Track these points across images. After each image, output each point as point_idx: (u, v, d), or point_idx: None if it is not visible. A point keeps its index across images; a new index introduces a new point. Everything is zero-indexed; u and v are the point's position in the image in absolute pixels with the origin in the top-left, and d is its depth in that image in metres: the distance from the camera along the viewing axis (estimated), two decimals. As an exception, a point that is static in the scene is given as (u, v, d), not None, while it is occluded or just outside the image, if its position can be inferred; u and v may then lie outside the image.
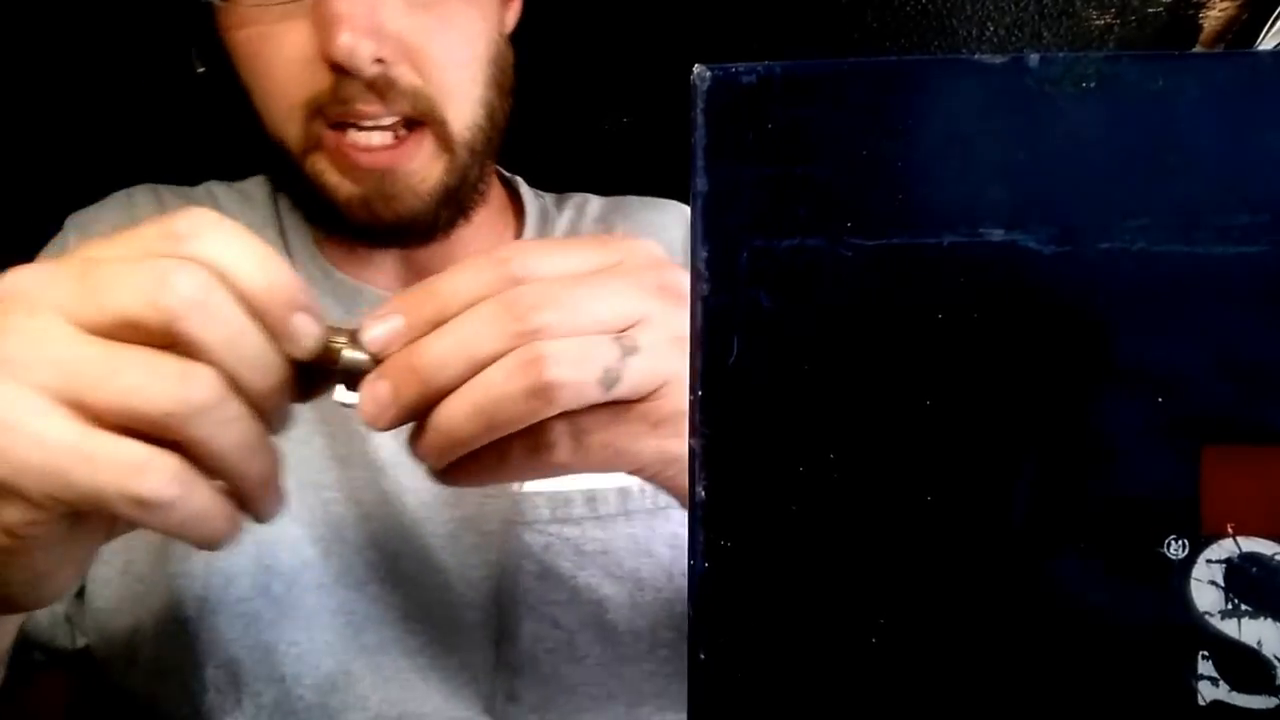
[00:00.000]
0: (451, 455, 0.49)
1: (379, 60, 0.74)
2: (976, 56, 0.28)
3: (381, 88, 0.75)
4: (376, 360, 0.48)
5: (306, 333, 0.46)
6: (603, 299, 0.48)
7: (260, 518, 0.49)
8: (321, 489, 0.84)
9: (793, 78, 0.28)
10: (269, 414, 0.46)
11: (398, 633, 0.81)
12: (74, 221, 0.94)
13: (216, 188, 0.98)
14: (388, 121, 0.77)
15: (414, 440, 0.49)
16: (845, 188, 0.28)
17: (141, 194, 0.96)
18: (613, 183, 1.00)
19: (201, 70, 0.96)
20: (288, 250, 0.92)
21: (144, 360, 0.43)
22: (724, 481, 0.28)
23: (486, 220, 0.92)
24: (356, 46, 0.72)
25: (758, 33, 1.21)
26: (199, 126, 1.20)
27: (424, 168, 0.80)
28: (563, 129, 0.86)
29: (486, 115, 0.82)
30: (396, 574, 0.82)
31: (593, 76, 0.96)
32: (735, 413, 0.28)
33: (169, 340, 0.43)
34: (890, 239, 0.28)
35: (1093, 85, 0.27)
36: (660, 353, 0.48)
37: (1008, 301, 0.27)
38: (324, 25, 0.72)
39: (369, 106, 0.75)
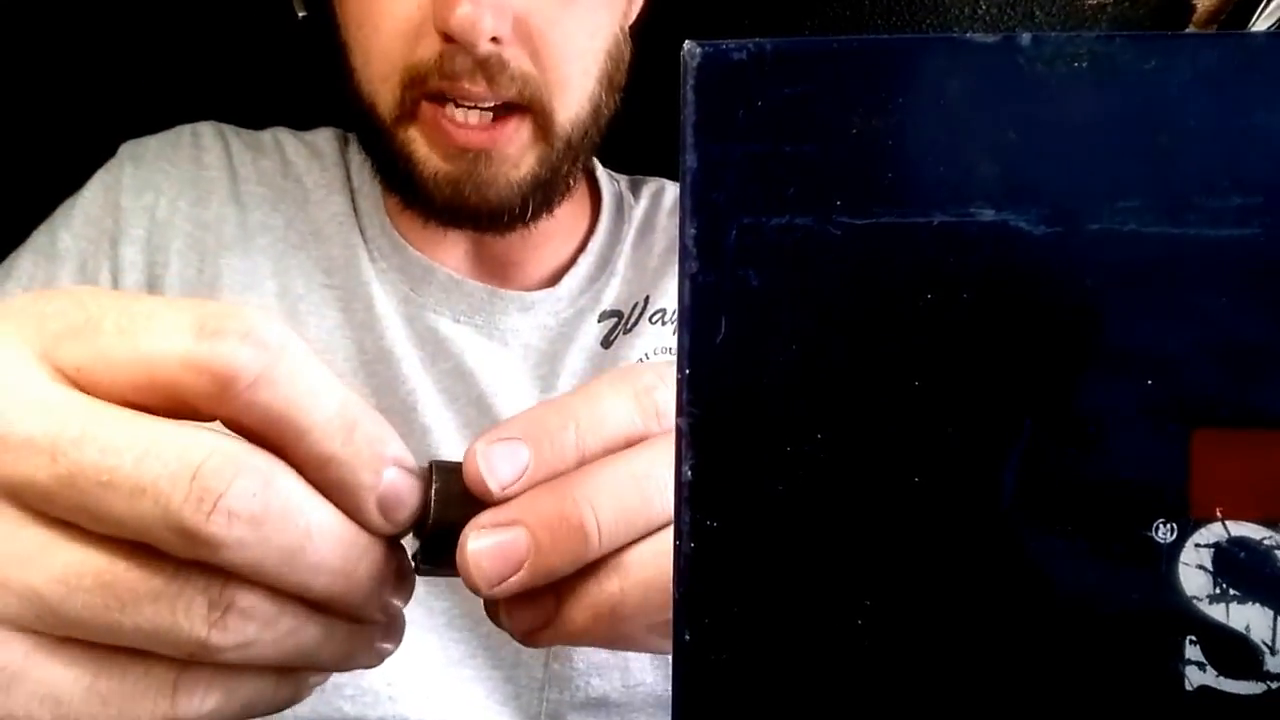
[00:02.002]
0: (594, 639, 0.38)
1: (495, 39, 0.71)
2: (968, 35, 0.27)
3: (492, 68, 0.72)
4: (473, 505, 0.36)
5: (401, 501, 0.35)
6: None
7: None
8: None
9: (784, 55, 0.28)
10: (356, 605, 0.36)
11: (442, 641, 0.77)
12: (130, 151, 0.89)
13: (284, 136, 0.94)
14: (489, 104, 0.74)
15: (520, 607, 0.37)
16: (835, 166, 0.28)
17: (207, 133, 0.91)
18: (604, 159, 1.00)
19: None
20: (357, 216, 0.88)
21: (152, 591, 0.31)
22: (710, 461, 0.28)
23: (564, 208, 0.88)
24: (478, 20, 0.69)
25: (749, 9, 1.21)
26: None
27: (518, 154, 0.76)
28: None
29: (591, 111, 0.80)
30: (443, 579, 0.78)
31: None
32: (722, 392, 0.28)
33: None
34: (879, 218, 0.27)
35: (1085, 65, 0.27)
36: None
37: (997, 281, 0.27)
38: None
39: (475, 87, 0.73)
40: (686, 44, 0.28)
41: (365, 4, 0.75)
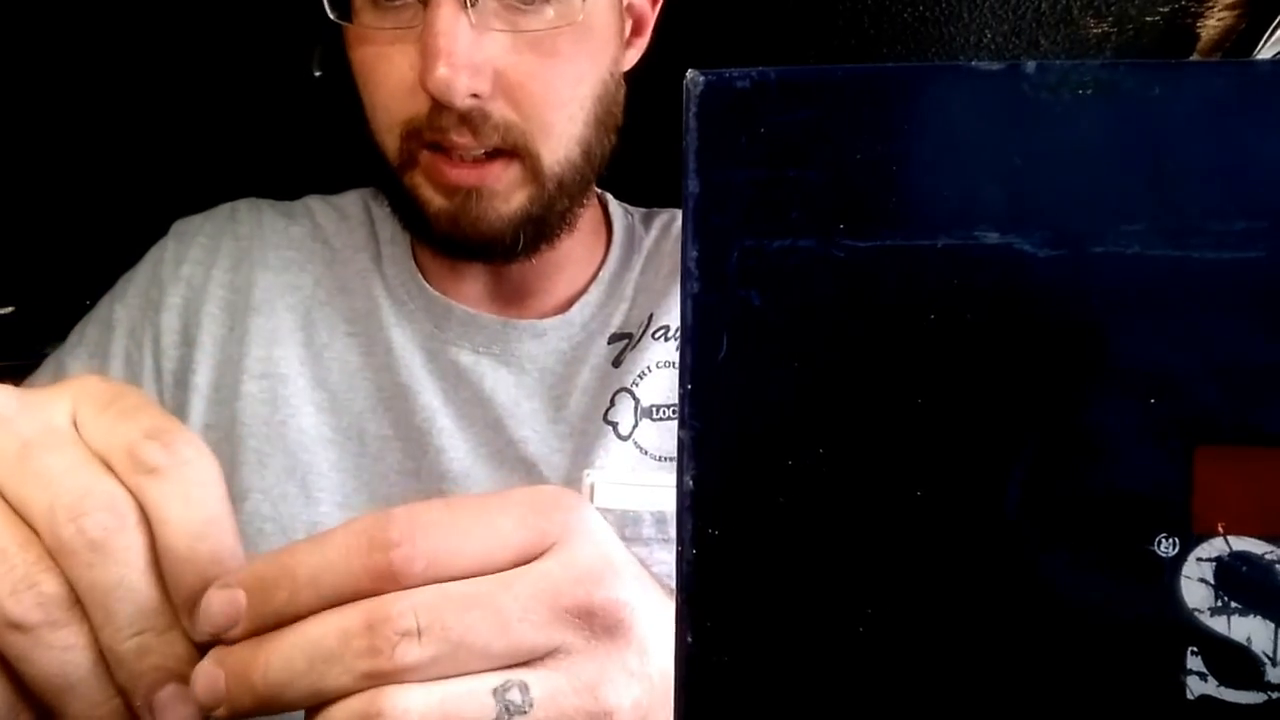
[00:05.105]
0: None
1: (475, 95, 0.76)
2: (974, 63, 0.28)
3: (475, 121, 0.78)
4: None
5: (204, 618, 0.39)
6: (503, 623, 0.38)
7: None
8: (392, 502, 0.87)
9: (787, 84, 0.28)
10: (141, 689, 0.40)
11: None
12: (177, 228, 0.99)
13: (314, 203, 1.02)
14: (478, 152, 0.79)
15: None
16: (839, 190, 0.28)
17: (244, 207, 1.00)
18: (610, 185, 1.02)
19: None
20: (381, 267, 0.96)
21: None
22: (711, 472, 0.29)
23: (578, 240, 0.95)
24: (453, 81, 0.74)
25: (755, 38, 1.22)
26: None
27: (508, 191, 0.82)
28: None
29: (582, 153, 0.84)
30: None
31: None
32: (723, 406, 0.29)
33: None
34: (884, 240, 0.28)
35: (1089, 93, 0.27)
36: (557, 709, 0.38)
37: (1001, 303, 0.28)
38: (425, 56, 0.75)
39: (460, 138, 0.78)
40: (689, 73, 0.28)
41: (369, 66, 0.82)
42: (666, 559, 0.81)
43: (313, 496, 0.87)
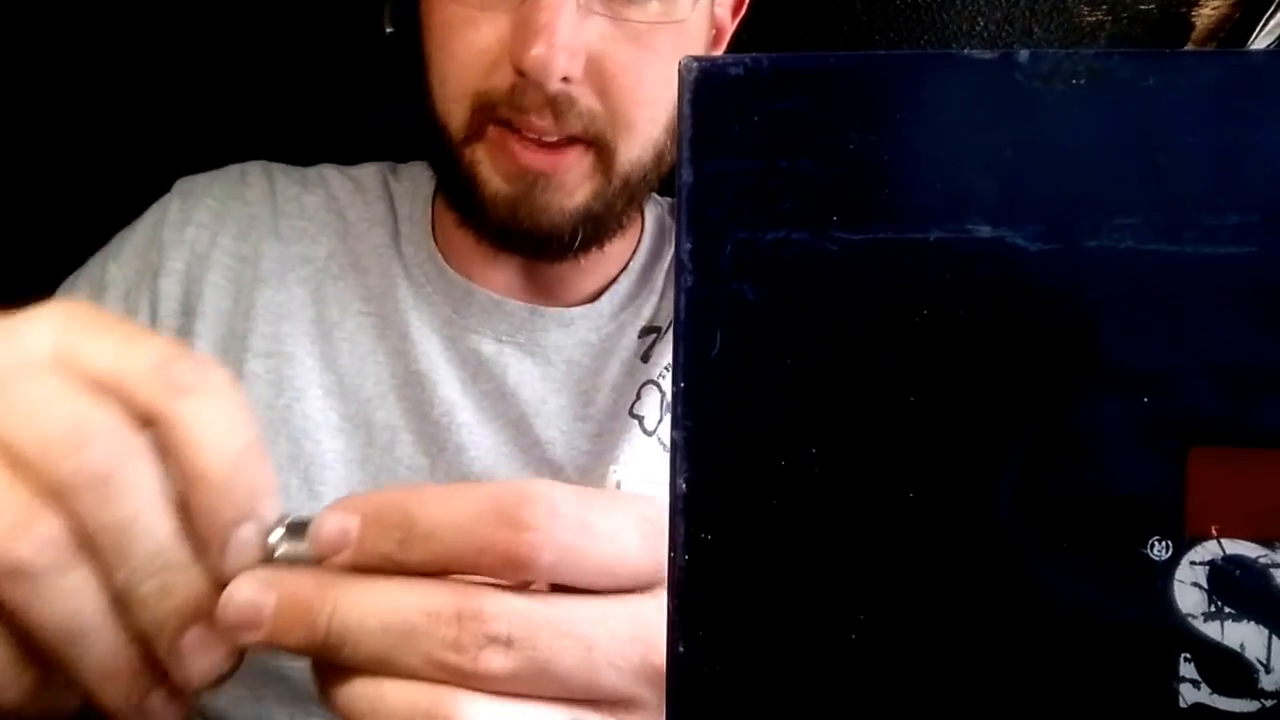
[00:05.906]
0: None
1: (565, 78, 0.73)
2: (966, 52, 0.28)
3: (560, 105, 0.74)
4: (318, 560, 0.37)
5: (238, 553, 0.37)
6: (592, 661, 0.35)
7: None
8: None
9: (780, 71, 0.28)
10: (164, 630, 0.37)
11: None
12: (180, 187, 0.94)
13: (329, 172, 0.97)
14: (553, 137, 0.76)
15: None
16: (831, 181, 0.28)
17: (255, 172, 0.95)
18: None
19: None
20: (399, 245, 0.91)
21: None
22: (704, 474, 0.28)
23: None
24: (551, 62, 0.71)
25: (747, 26, 1.21)
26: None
27: (575, 183, 0.79)
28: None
29: (654, 156, 0.81)
30: None
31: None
32: (717, 405, 0.28)
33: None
34: (876, 233, 0.28)
35: (1083, 82, 0.27)
36: None
37: (993, 298, 0.27)
38: (524, 30, 0.72)
39: (541, 121, 0.75)
40: (683, 59, 0.28)
41: (448, 30, 0.78)
42: None
43: (315, 489, 0.84)
